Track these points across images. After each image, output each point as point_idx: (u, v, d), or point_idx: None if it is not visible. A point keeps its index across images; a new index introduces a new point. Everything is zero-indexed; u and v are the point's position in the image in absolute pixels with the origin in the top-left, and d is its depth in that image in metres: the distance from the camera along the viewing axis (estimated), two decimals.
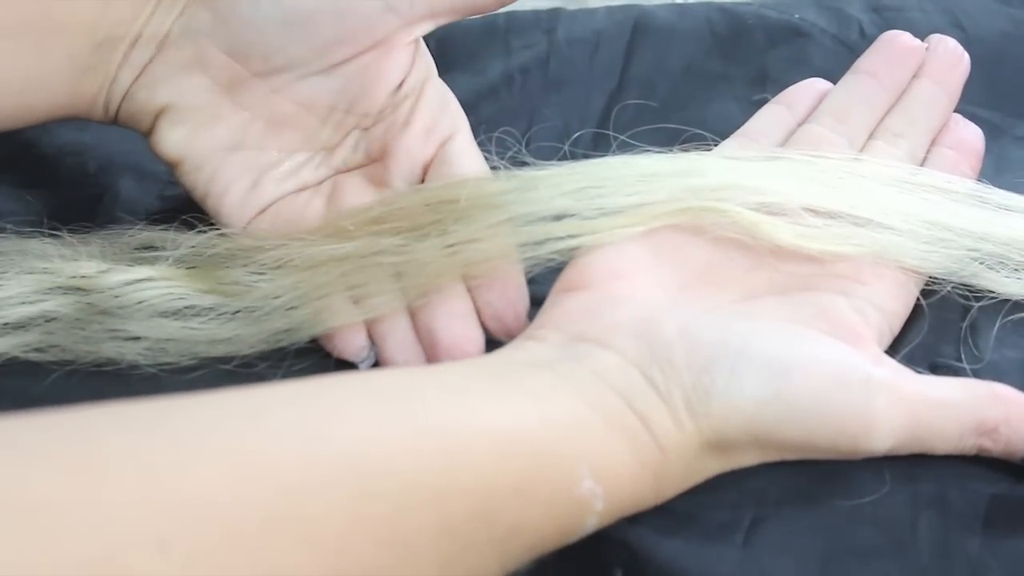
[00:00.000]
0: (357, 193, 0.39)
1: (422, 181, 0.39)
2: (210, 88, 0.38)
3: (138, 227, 0.39)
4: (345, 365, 0.37)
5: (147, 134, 0.39)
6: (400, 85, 0.39)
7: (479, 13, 0.40)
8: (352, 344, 0.37)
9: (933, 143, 0.40)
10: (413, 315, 0.37)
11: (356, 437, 0.27)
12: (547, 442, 0.29)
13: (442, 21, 0.39)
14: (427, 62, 0.40)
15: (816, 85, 0.42)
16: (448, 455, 0.27)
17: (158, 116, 0.38)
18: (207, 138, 0.39)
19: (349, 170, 0.40)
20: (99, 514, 0.22)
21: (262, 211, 0.39)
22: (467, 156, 0.40)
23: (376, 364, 0.38)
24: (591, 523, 0.30)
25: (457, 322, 0.37)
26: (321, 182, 0.40)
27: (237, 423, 0.26)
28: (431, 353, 0.37)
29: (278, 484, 0.24)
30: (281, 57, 0.38)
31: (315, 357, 0.37)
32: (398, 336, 0.37)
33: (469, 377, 0.31)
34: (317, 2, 0.37)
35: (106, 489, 0.22)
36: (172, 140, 0.38)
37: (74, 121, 0.46)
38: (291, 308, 0.37)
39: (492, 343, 0.36)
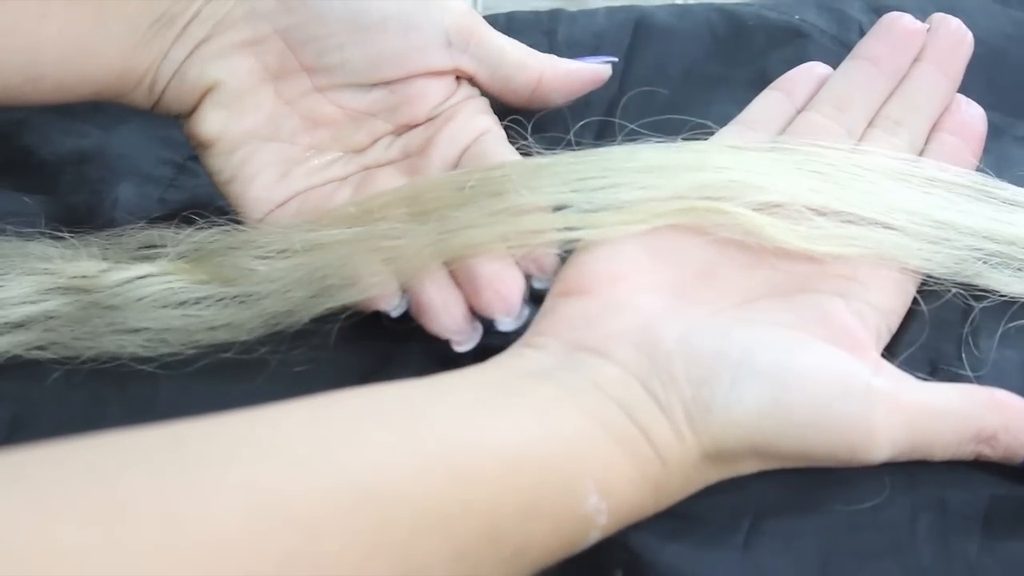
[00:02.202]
0: (388, 185, 0.40)
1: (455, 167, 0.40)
2: (257, 73, 0.39)
3: (138, 226, 0.40)
4: (345, 342, 0.37)
5: (187, 115, 0.39)
6: (441, 102, 0.40)
7: (510, 98, 0.41)
8: (384, 292, 0.37)
9: (935, 128, 0.40)
10: (452, 270, 0.37)
11: (369, 464, 0.27)
12: (553, 459, 0.29)
13: (478, 83, 0.41)
14: (473, 88, 0.41)
15: (815, 70, 0.41)
16: (457, 477, 0.27)
17: (204, 95, 0.39)
18: (245, 123, 0.39)
19: (381, 166, 0.41)
20: (121, 562, 0.22)
21: (286, 201, 0.40)
22: (502, 148, 0.40)
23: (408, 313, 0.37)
24: (594, 537, 0.30)
25: (496, 260, 0.36)
26: (347, 177, 0.40)
27: (251, 454, 0.26)
28: (471, 290, 0.36)
29: (296, 521, 0.24)
30: (336, 56, 0.39)
31: (314, 339, 0.37)
32: (436, 281, 0.37)
33: (474, 391, 0.31)
34: (387, 13, 0.38)
35: (127, 535, 0.22)
36: (211, 120, 0.39)
37: (75, 128, 0.46)
38: (287, 291, 0.37)
39: (489, 351, 0.36)
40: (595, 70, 0.42)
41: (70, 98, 0.38)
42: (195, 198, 0.44)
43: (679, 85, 0.48)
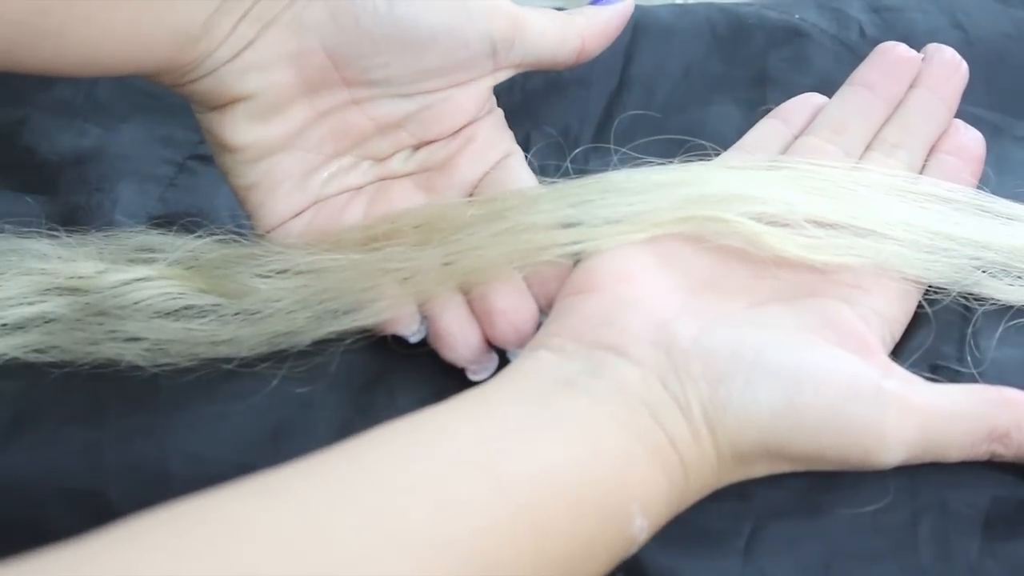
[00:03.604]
0: (404, 199, 0.39)
1: (472, 192, 0.40)
2: (296, 87, 0.38)
3: (137, 229, 0.39)
4: (349, 360, 0.37)
5: (210, 110, 0.38)
6: (472, 118, 0.40)
7: (557, 69, 0.41)
8: (404, 316, 0.37)
9: (933, 150, 0.40)
10: (467, 295, 0.37)
11: (468, 527, 0.27)
12: (608, 488, 0.30)
13: (522, 71, 0.41)
14: (493, 98, 0.41)
15: (812, 99, 0.42)
16: (538, 526, 0.28)
17: (237, 101, 0.38)
18: (274, 134, 0.38)
19: (397, 177, 0.40)
20: None
21: (303, 211, 0.39)
22: (524, 172, 0.40)
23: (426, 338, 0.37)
24: (631, 553, 0.30)
25: (511, 293, 0.37)
26: (363, 186, 0.40)
27: (344, 525, 0.26)
28: (486, 320, 0.36)
29: None
30: (380, 72, 0.38)
31: (317, 359, 0.37)
32: (454, 310, 0.37)
33: (517, 410, 0.31)
34: (436, 30, 0.38)
35: None
36: (241, 130, 0.38)
37: (74, 128, 0.46)
38: (291, 312, 0.36)
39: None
40: (623, 10, 0.42)
41: (107, 75, 0.38)
42: (195, 198, 0.44)
43: (679, 84, 0.48)
